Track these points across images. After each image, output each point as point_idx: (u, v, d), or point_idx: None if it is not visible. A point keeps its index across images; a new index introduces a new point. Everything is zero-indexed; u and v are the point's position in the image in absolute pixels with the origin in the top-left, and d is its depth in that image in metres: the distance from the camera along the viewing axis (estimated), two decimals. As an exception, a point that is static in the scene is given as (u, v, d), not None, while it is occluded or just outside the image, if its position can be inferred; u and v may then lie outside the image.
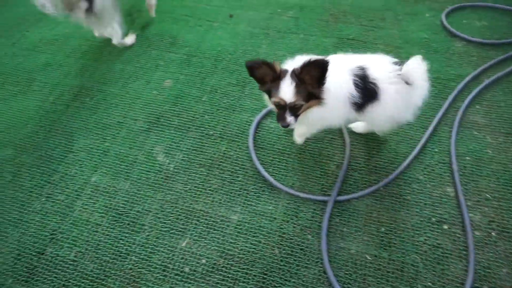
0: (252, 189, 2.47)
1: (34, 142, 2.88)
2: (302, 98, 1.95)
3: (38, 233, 2.38)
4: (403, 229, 2.23)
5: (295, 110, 2.01)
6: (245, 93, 3.03)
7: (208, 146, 2.71)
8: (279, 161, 2.60)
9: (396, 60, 2.10)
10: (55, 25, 3.95)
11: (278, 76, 1.94)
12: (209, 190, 2.49)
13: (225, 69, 3.26)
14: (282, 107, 2.00)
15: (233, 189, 2.48)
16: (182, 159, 2.66)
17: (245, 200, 2.42)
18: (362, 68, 2.04)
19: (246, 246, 2.23)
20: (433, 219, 2.26)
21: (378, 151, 2.59)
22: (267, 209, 2.37)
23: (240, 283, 2.10)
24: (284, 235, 2.26)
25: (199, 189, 2.49)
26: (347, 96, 2.05)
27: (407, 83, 2.00)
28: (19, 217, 2.46)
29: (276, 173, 2.53)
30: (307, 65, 1.85)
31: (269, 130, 2.76)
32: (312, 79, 1.91)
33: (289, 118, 2.01)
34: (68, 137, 2.88)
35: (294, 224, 2.30)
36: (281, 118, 2.04)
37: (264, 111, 2.84)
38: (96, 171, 2.65)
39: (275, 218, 2.33)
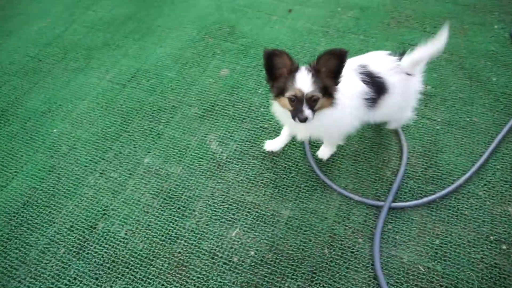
0: (305, 186, 2.44)
1: (90, 118, 2.94)
2: (319, 90, 1.86)
3: (90, 207, 2.42)
4: (459, 244, 2.16)
5: (312, 104, 1.90)
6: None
7: (262, 139, 2.69)
8: (333, 161, 2.55)
9: (389, 52, 2.17)
10: (114, 6, 4.02)
11: (295, 69, 1.87)
12: (261, 183, 2.47)
13: (282, 64, 3.22)
14: (299, 100, 1.88)
15: (285, 184, 2.46)
16: (236, 149, 2.65)
17: (297, 196, 2.40)
18: (364, 66, 2.07)
19: (296, 243, 2.21)
20: (492, 237, 2.18)
21: (436, 161, 2.51)
22: (319, 208, 2.34)
23: (288, 279, 2.08)
24: (334, 236, 2.23)
25: (251, 181, 2.48)
26: (360, 94, 2.05)
27: (408, 74, 2.12)
28: (74, 190, 2.51)
29: (329, 173, 2.49)
30: (324, 55, 1.78)
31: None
32: (328, 72, 1.85)
33: (307, 111, 1.88)
34: (124, 117, 2.92)
35: (346, 226, 2.26)
36: (298, 110, 1.89)
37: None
38: (149, 152, 2.68)
39: (326, 218, 2.30)
